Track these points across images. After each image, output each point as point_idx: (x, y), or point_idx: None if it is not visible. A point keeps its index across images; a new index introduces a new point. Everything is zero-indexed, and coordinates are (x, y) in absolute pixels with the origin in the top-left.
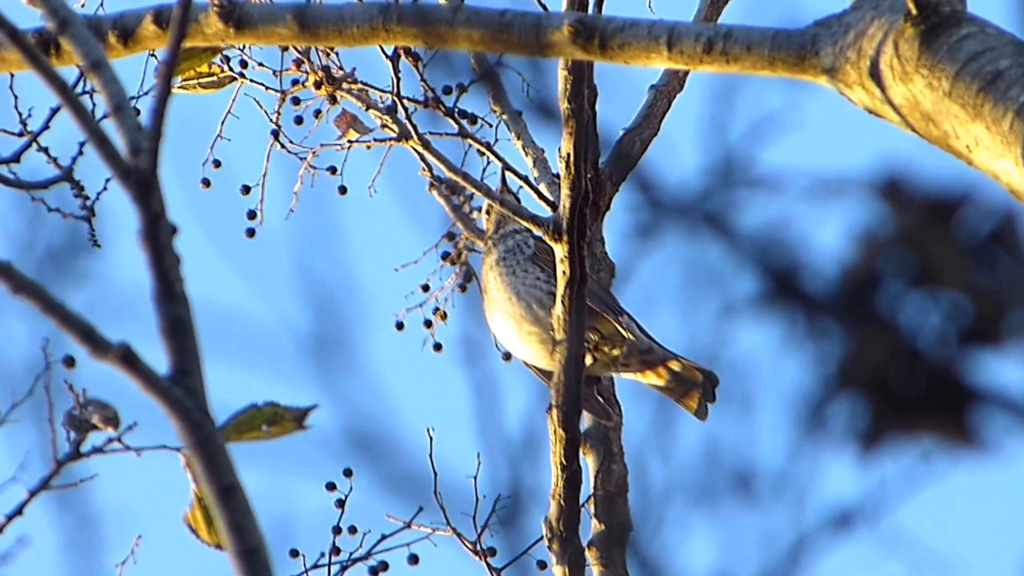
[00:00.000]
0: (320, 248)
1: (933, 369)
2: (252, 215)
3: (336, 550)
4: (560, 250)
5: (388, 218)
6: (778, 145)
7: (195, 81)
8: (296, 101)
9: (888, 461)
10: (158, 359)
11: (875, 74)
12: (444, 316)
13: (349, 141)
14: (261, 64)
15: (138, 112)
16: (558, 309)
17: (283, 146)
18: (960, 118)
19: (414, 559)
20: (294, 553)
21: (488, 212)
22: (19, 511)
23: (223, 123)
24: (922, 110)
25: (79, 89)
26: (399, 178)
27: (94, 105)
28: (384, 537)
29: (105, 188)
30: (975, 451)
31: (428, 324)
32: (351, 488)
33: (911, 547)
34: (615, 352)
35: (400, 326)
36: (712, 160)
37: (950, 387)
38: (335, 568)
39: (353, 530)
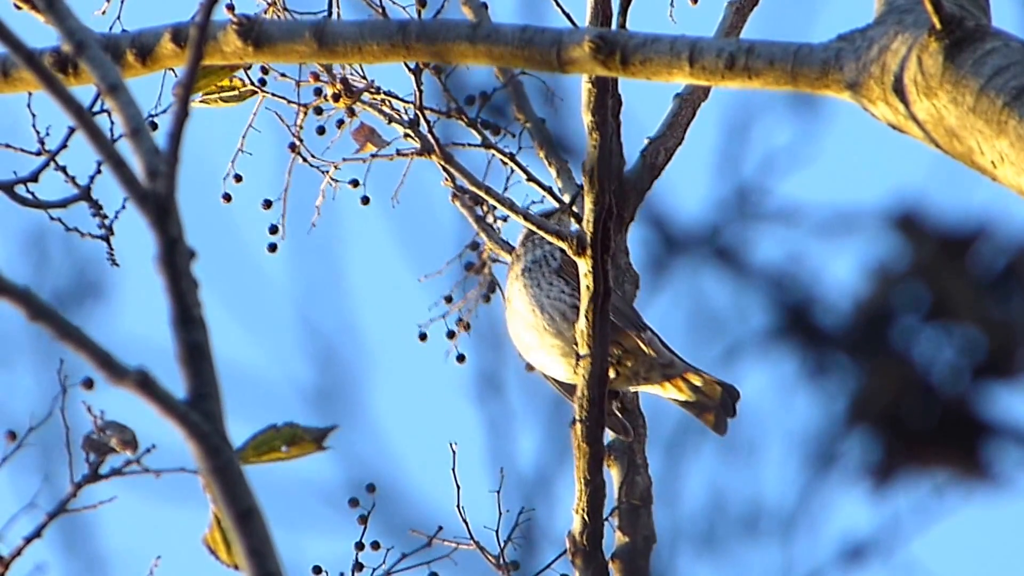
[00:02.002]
0: (322, 299)
1: (946, 403)
2: (274, 230)
3: (359, 566)
4: (584, 264)
5: (391, 268)
6: (791, 178)
7: (216, 95)
8: (319, 111)
9: (901, 495)
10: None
11: (899, 89)
12: (468, 327)
13: (372, 155)
14: (283, 75)
15: (155, 127)
16: (581, 323)
17: (305, 159)
18: (985, 133)
19: None
20: (316, 570)
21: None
22: (38, 533)
23: (244, 137)
24: (946, 125)
25: (97, 107)
26: (402, 193)
27: (112, 124)
28: (404, 556)
29: (123, 207)
30: (988, 485)
31: (451, 335)
32: (374, 504)
33: None
34: (637, 366)
35: (424, 336)
36: (725, 193)
37: (963, 421)
38: None
39: (376, 545)
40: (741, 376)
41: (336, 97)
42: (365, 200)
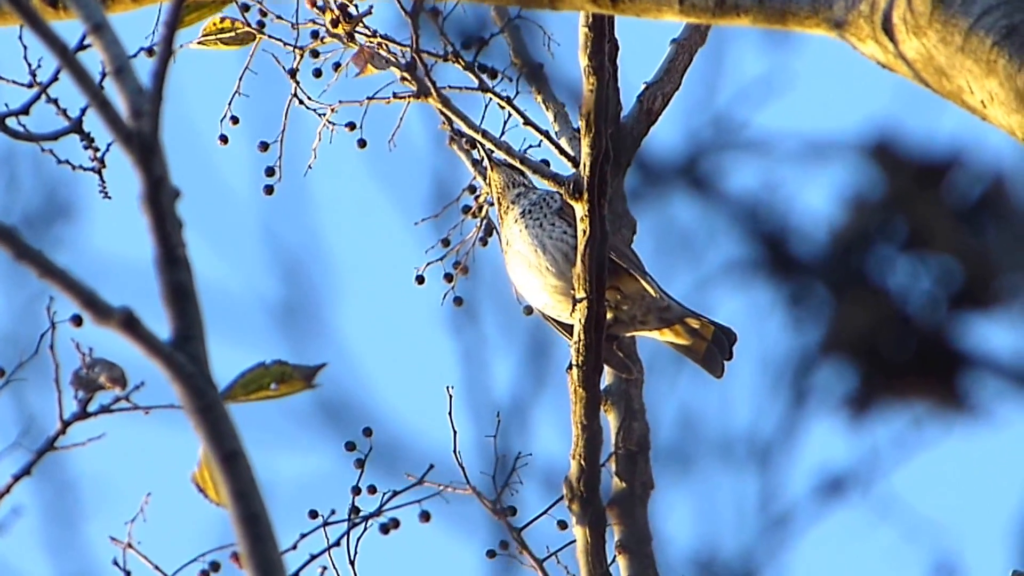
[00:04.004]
0: (288, 216)
1: (923, 333)
2: (271, 172)
3: (355, 510)
4: (580, 208)
5: (358, 185)
6: (767, 107)
7: (215, 38)
8: (315, 54)
9: (878, 427)
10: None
11: (888, 28)
12: (465, 271)
13: (368, 98)
14: (280, 17)
15: (151, 52)
16: (578, 267)
17: (301, 102)
18: (974, 73)
19: (425, 516)
20: (313, 514)
21: (490, 168)
22: (27, 471)
23: (241, 79)
24: (936, 65)
25: (85, 42)
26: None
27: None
28: (395, 493)
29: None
30: (965, 416)
31: (449, 278)
32: (371, 448)
33: (902, 513)
34: (634, 310)
35: (421, 280)
36: (700, 123)
37: (940, 352)
38: (345, 528)
39: (373, 490)
40: (714, 303)
41: (335, 23)
42: (362, 143)
